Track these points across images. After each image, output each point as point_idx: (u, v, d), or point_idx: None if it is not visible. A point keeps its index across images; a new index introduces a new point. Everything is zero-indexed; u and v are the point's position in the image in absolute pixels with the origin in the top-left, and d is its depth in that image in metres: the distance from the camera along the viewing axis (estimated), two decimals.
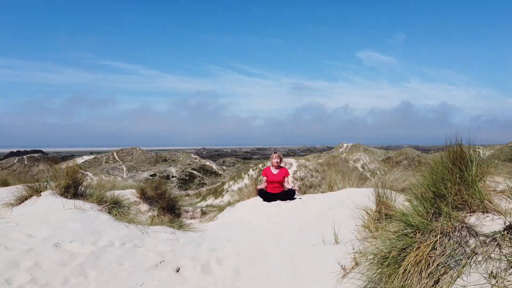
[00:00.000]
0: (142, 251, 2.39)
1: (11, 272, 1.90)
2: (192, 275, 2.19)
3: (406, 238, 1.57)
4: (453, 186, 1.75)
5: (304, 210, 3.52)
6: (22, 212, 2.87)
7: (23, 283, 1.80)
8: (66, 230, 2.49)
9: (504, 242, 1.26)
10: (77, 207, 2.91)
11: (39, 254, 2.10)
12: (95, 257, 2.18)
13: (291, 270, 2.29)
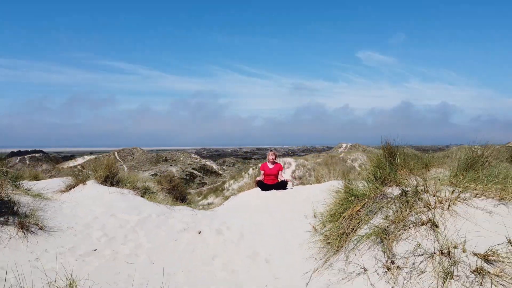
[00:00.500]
0: (172, 221, 3.32)
1: (88, 230, 2.82)
2: (209, 236, 3.11)
3: (349, 202, 2.49)
4: (383, 171, 2.68)
5: (294, 196, 4.45)
6: (76, 196, 3.79)
7: (99, 236, 2.73)
8: (115, 207, 3.42)
9: (396, 200, 2.18)
10: (118, 192, 3.83)
11: (103, 220, 3.03)
12: (141, 223, 3.10)
13: (279, 233, 3.22)
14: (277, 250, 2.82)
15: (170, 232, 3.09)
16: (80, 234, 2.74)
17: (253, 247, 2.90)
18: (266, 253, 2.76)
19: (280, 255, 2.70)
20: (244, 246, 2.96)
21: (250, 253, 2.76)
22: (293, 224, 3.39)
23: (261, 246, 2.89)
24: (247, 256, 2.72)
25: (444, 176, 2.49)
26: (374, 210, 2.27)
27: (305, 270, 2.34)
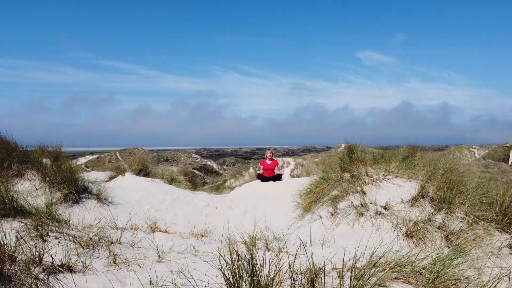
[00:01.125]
0: (196, 200, 4.57)
1: (140, 204, 4.07)
2: (223, 210, 4.37)
3: (320, 183, 3.74)
4: (344, 163, 3.94)
5: (286, 185, 5.69)
6: (120, 183, 5.03)
7: (148, 208, 3.97)
8: (152, 191, 4.66)
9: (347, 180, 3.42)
10: (152, 180, 5.09)
11: (147, 199, 4.27)
12: (174, 201, 4.36)
13: (273, 209, 4.48)
14: (271, 218, 4.05)
15: (195, 207, 4.33)
16: (136, 206, 3.97)
17: (254, 217, 4.13)
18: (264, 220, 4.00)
19: (273, 220, 3.93)
20: (248, 217, 4.20)
21: (252, 220, 3.99)
22: (284, 203, 4.63)
23: (260, 216, 4.12)
24: (251, 222, 3.96)
25: (382, 165, 3.74)
26: (334, 187, 3.50)
27: (288, 223, 3.56)
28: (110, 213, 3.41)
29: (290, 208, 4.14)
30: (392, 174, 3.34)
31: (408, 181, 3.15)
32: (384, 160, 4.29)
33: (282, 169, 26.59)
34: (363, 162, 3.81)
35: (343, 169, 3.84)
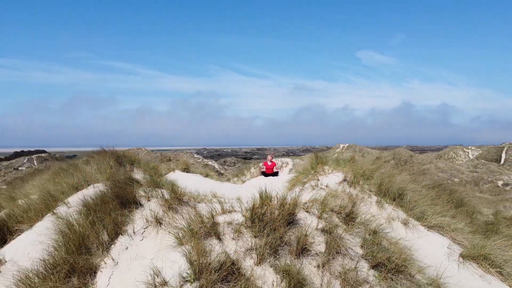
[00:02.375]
0: (225, 185, 7.64)
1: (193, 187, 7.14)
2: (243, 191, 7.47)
3: (298, 176, 6.80)
4: (313, 164, 7.03)
5: (280, 178, 8.78)
6: (174, 177, 8.08)
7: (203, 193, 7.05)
8: (197, 180, 7.71)
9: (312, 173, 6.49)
10: (195, 175, 8.16)
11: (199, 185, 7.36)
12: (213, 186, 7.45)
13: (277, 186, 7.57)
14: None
15: (226, 189, 7.39)
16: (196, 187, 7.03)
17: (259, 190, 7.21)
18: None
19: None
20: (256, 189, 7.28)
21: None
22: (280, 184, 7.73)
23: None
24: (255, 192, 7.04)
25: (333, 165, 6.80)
26: (304, 177, 6.56)
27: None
28: None
29: (282, 186, 7.22)
30: (335, 170, 6.36)
31: (341, 173, 6.20)
32: (337, 162, 7.37)
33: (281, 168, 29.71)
34: (323, 164, 6.86)
35: (312, 168, 6.88)
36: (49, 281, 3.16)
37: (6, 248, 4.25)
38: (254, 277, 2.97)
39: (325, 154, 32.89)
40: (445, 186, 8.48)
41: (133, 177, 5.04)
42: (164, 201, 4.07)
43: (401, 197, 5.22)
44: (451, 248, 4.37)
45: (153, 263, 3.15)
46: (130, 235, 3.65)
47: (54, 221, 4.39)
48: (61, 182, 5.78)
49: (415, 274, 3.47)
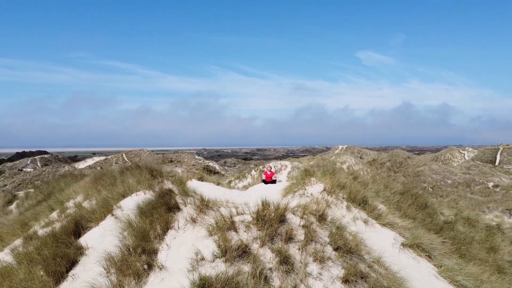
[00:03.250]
0: (234, 192, 9.52)
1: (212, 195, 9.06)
2: (247, 195, 9.36)
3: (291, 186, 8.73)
4: (303, 176, 8.96)
5: (277, 186, 10.69)
6: (192, 185, 9.99)
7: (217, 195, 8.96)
8: (211, 188, 9.61)
9: (301, 183, 8.39)
10: (208, 183, 10.06)
11: (214, 193, 9.26)
12: (224, 193, 9.33)
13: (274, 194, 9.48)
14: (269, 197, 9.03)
15: (235, 196, 9.29)
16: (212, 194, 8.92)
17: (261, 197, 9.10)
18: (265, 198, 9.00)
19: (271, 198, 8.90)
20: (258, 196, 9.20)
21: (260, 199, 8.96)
22: (276, 192, 9.65)
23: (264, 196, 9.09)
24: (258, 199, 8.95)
25: (318, 176, 8.71)
26: (296, 186, 8.45)
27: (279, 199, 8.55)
28: None
29: (278, 194, 9.13)
30: (319, 181, 8.26)
31: (322, 184, 8.10)
32: (323, 174, 9.29)
33: (280, 171, 31.72)
34: (311, 175, 8.77)
35: (302, 179, 8.78)
36: (129, 256, 5.09)
37: (82, 239, 6.20)
38: (259, 255, 4.88)
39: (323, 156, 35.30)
40: (412, 192, 10.41)
41: (168, 188, 6.97)
42: (196, 207, 6.01)
43: (365, 202, 7.15)
44: (396, 239, 6.30)
45: (194, 246, 5.09)
46: (176, 229, 5.58)
47: (114, 220, 6.36)
48: (112, 190, 7.75)
49: (364, 254, 5.40)
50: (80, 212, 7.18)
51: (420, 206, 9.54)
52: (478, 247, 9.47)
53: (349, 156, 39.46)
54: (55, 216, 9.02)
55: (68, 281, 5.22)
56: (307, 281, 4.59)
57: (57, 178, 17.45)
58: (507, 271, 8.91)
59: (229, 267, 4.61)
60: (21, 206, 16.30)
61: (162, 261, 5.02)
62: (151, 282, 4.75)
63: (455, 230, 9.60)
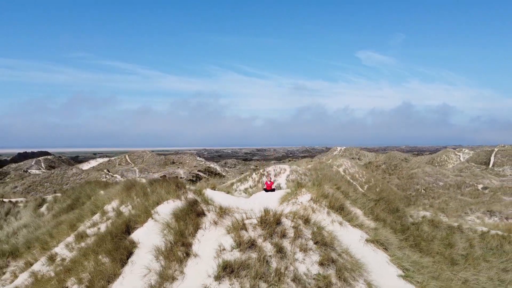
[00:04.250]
0: (241, 200, 11.93)
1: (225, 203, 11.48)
2: (252, 201, 11.76)
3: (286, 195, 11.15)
4: (295, 187, 11.39)
5: (276, 194, 13.10)
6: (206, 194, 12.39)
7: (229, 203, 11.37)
8: (222, 196, 12.02)
9: (294, 193, 10.79)
10: (220, 192, 12.45)
11: (225, 200, 11.66)
12: (233, 201, 11.73)
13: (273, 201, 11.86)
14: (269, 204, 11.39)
15: (242, 203, 11.66)
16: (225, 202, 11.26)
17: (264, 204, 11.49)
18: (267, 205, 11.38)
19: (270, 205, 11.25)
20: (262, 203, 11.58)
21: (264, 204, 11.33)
22: (274, 200, 12.04)
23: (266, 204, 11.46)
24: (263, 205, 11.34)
25: (308, 187, 11.10)
26: (290, 195, 10.82)
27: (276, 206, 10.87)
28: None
29: (276, 202, 11.53)
30: (307, 192, 10.64)
31: (310, 194, 10.49)
32: (313, 185, 11.72)
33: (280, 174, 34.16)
34: (302, 187, 11.17)
35: (295, 189, 11.16)
36: (172, 247, 7.51)
37: (133, 236, 8.62)
38: (262, 247, 7.29)
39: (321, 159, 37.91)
40: (386, 199, 12.85)
41: (195, 198, 9.40)
42: (216, 213, 8.43)
43: (342, 209, 9.58)
44: (362, 236, 8.73)
45: (217, 241, 7.51)
46: (203, 229, 8.01)
47: (154, 222, 8.81)
48: (147, 198, 10.19)
49: (336, 246, 7.82)
50: (119, 215, 9.64)
51: (391, 210, 11.98)
52: (438, 243, 11.92)
53: (345, 160, 41.89)
54: (97, 219, 11.53)
55: (129, 265, 7.66)
56: (295, 264, 7.02)
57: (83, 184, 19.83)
58: (459, 262, 11.37)
59: (242, 254, 7.03)
60: (51, 209, 18.78)
61: (195, 251, 7.45)
62: (189, 265, 7.18)
63: (420, 230, 12.05)
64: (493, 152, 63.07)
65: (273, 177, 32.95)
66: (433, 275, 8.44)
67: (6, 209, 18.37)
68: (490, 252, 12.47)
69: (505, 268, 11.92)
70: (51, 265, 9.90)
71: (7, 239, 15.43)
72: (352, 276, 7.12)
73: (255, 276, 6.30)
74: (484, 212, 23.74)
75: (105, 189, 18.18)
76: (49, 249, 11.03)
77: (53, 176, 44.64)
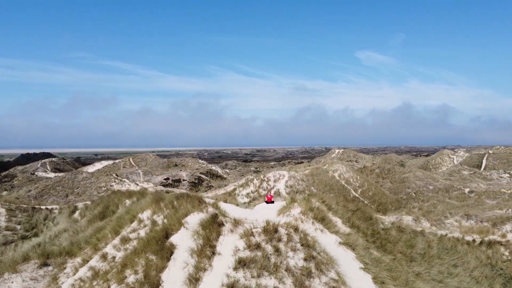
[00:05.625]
0: (247, 211, 15.49)
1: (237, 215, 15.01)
2: (256, 212, 15.29)
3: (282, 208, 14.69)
4: (289, 201, 14.96)
5: (275, 206, 16.61)
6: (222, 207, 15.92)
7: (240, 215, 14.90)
8: (234, 209, 15.54)
9: (289, 206, 14.31)
10: (230, 204, 15.99)
11: (235, 212, 15.19)
12: (242, 212, 15.27)
13: (272, 212, 15.36)
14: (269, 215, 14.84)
15: (248, 214, 15.15)
16: (236, 214, 14.75)
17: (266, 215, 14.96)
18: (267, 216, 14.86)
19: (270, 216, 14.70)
20: (263, 214, 15.07)
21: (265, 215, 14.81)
22: (274, 211, 15.56)
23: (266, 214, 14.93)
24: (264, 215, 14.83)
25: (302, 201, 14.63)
26: (285, 208, 14.37)
27: (274, 217, 14.31)
28: None
29: (275, 213, 15.00)
30: (299, 205, 14.15)
31: (300, 208, 14.02)
32: (303, 198, 15.32)
33: (279, 180, 37.78)
34: (294, 201, 14.69)
35: (289, 203, 14.65)
36: (202, 248, 11.10)
37: (172, 239, 12.20)
38: (265, 248, 10.85)
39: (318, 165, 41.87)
40: (362, 209, 16.41)
41: (215, 212, 12.97)
42: (232, 224, 12.01)
43: (323, 219, 13.15)
44: (337, 240, 12.32)
45: (234, 243, 11.10)
46: (223, 235, 11.59)
47: (186, 230, 12.42)
48: (177, 210, 13.78)
49: (316, 247, 11.41)
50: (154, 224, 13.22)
51: (365, 219, 15.57)
52: (401, 244, 15.52)
53: (340, 165, 45.47)
54: (136, 226, 15.11)
55: (172, 260, 11.24)
56: (287, 260, 10.60)
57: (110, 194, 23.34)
58: (417, 259, 14.97)
59: (251, 253, 10.60)
60: (84, 215, 22.45)
61: (219, 250, 11.04)
62: (215, 260, 10.76)
63: (388, 234, 15.65)
64: (485, 155, 66.78)
65: (273, 182, 36.62)
66: (388, 268, 12.06)
67: (44, 215, 21.94)
68: (445, 251, 16.12)
69: (455, 264, 15.58)
70: (104, 261, 13.49)
71: (52, 241, 19.06)
72: (327, 268, 10.70)
73: (260, 267, 9.87)
74: (462, 216, 27.33)
75: (129, 198, 21.90)
76: (99, 250, 14.65)
77: (65, 180, 48.22)
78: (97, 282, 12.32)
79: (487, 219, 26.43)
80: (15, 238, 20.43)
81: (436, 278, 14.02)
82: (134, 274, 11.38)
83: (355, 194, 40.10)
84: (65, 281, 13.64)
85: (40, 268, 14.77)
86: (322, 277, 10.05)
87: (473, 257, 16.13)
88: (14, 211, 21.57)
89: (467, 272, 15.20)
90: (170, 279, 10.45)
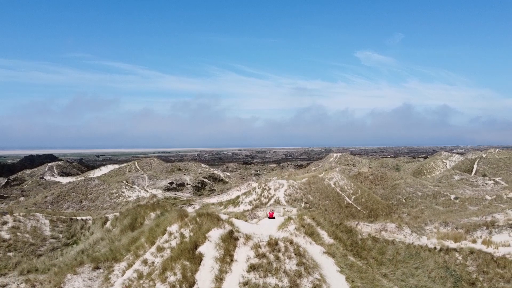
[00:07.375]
0: (254, 226, 20.24)
1: (246, 230, 19.76)
2: (260, 226, 20.03)
3: (281, 225, 19.51)
4: (285, 219, 19.76)
5: (276, 221, 21.34)
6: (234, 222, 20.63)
7: (249, 230, 19.65)
8: (243, 224, 20.29)
9: (287, 223, 19.10)
10: (241, 220, 20.74)
11: (244, 227, 19.95)
12: (251, 226, 20.03)
13: (274, 227, 20.09)
14: (271, 230, 19.48)
15: (255, 229, 19.84)
16: (245, 229, 19.42)
17: (267, 230, 19.62)
18: (269, 231, 19.52)
19: (272, 230, 19.34)
20: (266, 228, 19.74)
21: (268, 229, 19.46)
22: (275, 227, 20.29)
23: (269, 229, 19.57)
24: (267, 229, 19.50)
25: (295, 216, 19.37)
26: (284, 224, 19.14)
27: (275, 231, 18.95)
28: None
29: (275, 228, 19.70)
30: (294, 222, 18.87)
31: (294, 224, 18.76)
32: (297, 214, 20.15)
33: (278, 189, 42.64)
34: (290, 219, 19.40)
35: (286, 221, 19.34)
36: (223, 256, 15.94)
37: (200, 249, 17.06)
38: (269, 256, 15.63)
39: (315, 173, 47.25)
40: (343, 224, 21.18)
41: (231, 229, 17.78)
42: (244, 238, 16.82)
43: (312, 233, 17.96)
44: (321, 250, 17.14)
45: (246, 253, 15.92)
46: (239, 247, 16.38)
47: (209, 242, 17.31)
48: (200, 226, 18.63)
49: (306, 255, 16.23)
50: (182, 236, 18.04)
51: (347, 231, 20.39)
52: (375, 252, 20.36)
53: (336, 173, 50.20)
54: (167, 237, 19.89)
55: (201, 265, 16.08)
56: (284, 265, 15.41)
57: (136, 207, 28.09)
58: (386, 264, 19.81)
59: (259, 260, 15.41)
60: (115, 226, 27.21)
61: (236, 258, 15.85)
62: (233, 265, 15.59)
63: (364, 243, 20.49)
64: (475, 161, 71.66)
65: (273, 191, 41.51)
66: (359, 270, 16.90)
67: (80, 225, 26.71)
68: (409, 257, 21.05)
69: (417, 267, 20.47)
70: (146, 265, 18.28)
71: (92, 248, 23.85)
72: (313, 271, 15.51)
73: (266, 270, 14.66)
74: (441, 223, 32.08)
75: (153, 211, 26.75)
76: (140, 256, 19.46)
77: (78, 186, 53.01)
78: (143, 281, 17.06)
79: (462, 226, 31.29)
80: (59, 245, 25.24)
81: (399, 278, 18.90)
82: (174, 275, 16.13)
83: (349, 201, 44.98)
84: (116, 281, 18.39)
85: (94, 270, 19.58)
86: (309, 277, 14.86)
87: (432, 261, 21.02)
88: (56, 222, 26.38)
89: (426, 273, 20.07)
90: (201, 279, 15.22)
